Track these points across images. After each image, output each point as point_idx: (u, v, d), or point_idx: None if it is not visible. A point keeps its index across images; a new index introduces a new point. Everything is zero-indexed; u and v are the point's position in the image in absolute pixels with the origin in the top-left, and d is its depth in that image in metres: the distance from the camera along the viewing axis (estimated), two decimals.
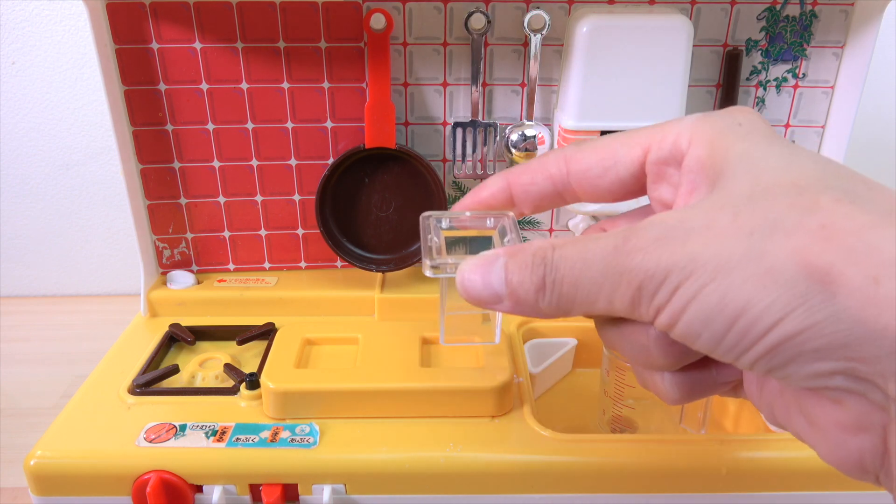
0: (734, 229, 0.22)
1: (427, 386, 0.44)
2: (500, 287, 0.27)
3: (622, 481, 0.42)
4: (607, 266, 0.24)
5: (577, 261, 0.25)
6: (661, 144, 0.28)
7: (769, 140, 0.25)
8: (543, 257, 0.26)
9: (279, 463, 0.42)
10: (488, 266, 0.28)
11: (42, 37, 0.71)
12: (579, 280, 0.25)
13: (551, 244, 0.27)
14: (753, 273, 0.21)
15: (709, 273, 0.22)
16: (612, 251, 0.24)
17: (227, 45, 0.54)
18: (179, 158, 0.57)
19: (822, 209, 0.21)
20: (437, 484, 0.42)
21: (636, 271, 0.23)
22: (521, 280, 0.27)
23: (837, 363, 0.20)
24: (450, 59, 0.56)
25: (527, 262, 0.27)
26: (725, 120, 0.27)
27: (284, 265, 0.63)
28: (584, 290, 0.25)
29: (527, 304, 0.27)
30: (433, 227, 0.40)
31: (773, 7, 0.54)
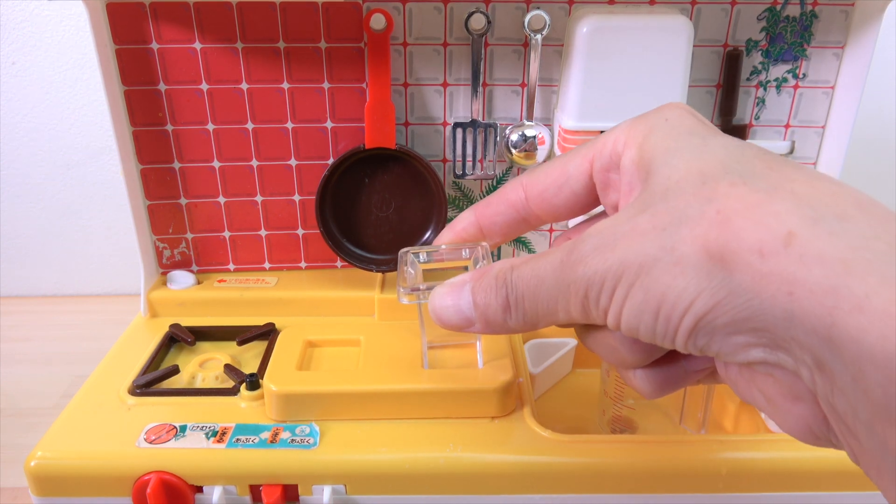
0: (651, 228, 0.24)
1: (430, 388, 0.44)
2: (470, 311, 0.30)
3: (622, 482, 0.42)
4: (557, 280, 0.27)
5: (532, 278, 0.28)
6: (602, 152, 0.30)
7: (690, 131, 0.27)
8: (504, 279, 0.29)
9: (279, 463, 0.42)
10: (457, 293, 0.31)
11: (42, 37, 0.71)
12: (537, 296, 0.28)
13: (511, 265, 0.29)
14: (667, 265, 0.23)
15: (634, 272, 0.24)
16: (559, 266, 0.27)
17: (227, 45, 0.54)
18: (179, 158, 0.57)
19: (719, 196, 0.23)
20: (437, 484, 0.42)
21: (580, 281, 0.25)
22: (488, 302, 0.29)
23: (749, 336, 0.22)
24: (450, 60, 0.56)
25: (490, 284, 0.29)
26: (654, 119, 0.29)
27: (284, 265, 0.63)
28: (543, 305, 0.28)
29: (496, 323, 0.30)
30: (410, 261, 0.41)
31: (774, 7, 0.53)
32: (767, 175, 0.23)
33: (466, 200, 0.61)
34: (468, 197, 0.61)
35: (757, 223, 0.21)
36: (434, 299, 0.32)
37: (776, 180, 0.23)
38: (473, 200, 0.61)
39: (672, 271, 0.23)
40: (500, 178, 0.60)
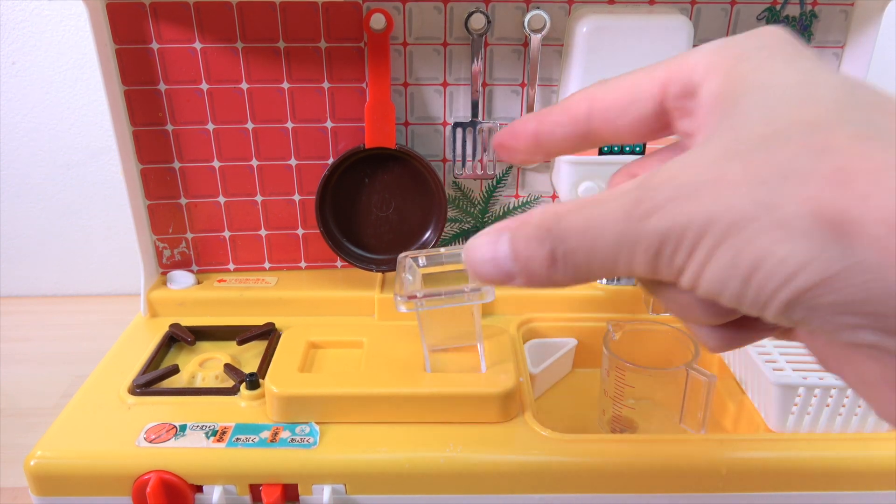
0: (745, 180, 0.20)
1: (432, 392, 0.44)
2: (509, 264, 0.26)
3: (622, 481, 0.42)
4: (620, 234, 0.23)
5: (586, 230, 0.24)
6: (678, 76, 0.26)
7: (790, 62, 0.23)
8: (549, 230, 0.25)
9: (279, 463, 0.42)
10: (493, 244, 0.26)
11: (42, 37, 0.71)
12: (592, 250, 0.24)
13: (555, 212, 0.25)
14: (765, 226, 0.20)
15: (722, 230, 0.21)
16: (624, 217, 0.23)
17: (227, 45, 0.54)
18: (179, 158, 0.57)
19: (836, 149, 0.19)
20: (436, 484, 0.42)
21: (651, 236, 0.22)
22: (530, 255, 0.25)
23: (861, 318, 0.19)
24: (450, 59, 0.56)
25: (532, 234, 0.25)
26: (747, 44, 0.25)
27: (284, 265, 0.63)
28: (599, 260, 0.24)
29: (540, 278, 0.26)
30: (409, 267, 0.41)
31: (773, 7, 0.54)
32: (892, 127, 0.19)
33: (466, 200, 0.61)
34: (468, 197, 0.61)
35: (889, 189, 0.18)
36: (469, 251, 0.28)
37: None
38: (473, 200, 0.61)
39: (772, 234, 0.19)
40: (500, 179, 0.60)
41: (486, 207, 0.61)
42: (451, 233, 0.62)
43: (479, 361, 0.46)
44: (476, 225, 0.62)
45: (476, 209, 0.61)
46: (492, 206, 0.61)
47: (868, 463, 0.42)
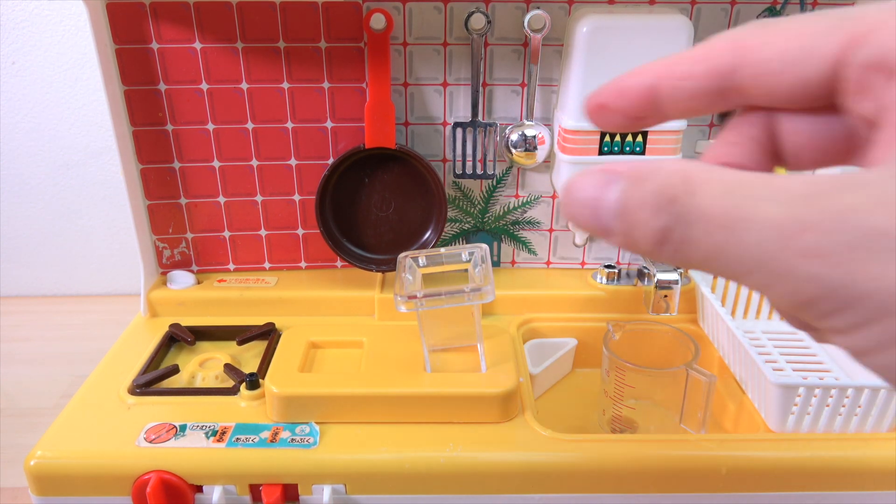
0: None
1: (432, 392, 0.44)
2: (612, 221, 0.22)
3: (622, 481, 0.42)
4: (763, 258, 0.18)
5: (723, 228, 0.19)
6: (866, 39, 0.20)
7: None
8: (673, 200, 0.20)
9: (279, 463, 0.42)
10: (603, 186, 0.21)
11: (42, 37, 0.71)
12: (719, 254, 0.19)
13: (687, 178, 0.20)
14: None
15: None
16: (777, 237, 0.18)
17: (227, 45, 0.54)
18: (179, 158, 0.57)
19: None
20: (436, 484, 0.42)
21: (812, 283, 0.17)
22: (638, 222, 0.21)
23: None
24: (450, 59, 0.56)
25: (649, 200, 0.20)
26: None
27: (284, 265, 0.63)
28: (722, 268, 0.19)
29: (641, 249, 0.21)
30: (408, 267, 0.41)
31: (774, 7, 0.54)
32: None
33: (466, 200, 0.61)
34: (468, 197, 0.61)
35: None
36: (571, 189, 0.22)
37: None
38: (473, 200, 0.61)
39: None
40: (500, 179, 0.60)
41: (486, 207, 0.61)
42: (451, 233, 0.62)
43: (480, 361, 0.46)
44: (476, 225, 0.62)
45: (476, 209, 0.61)
46: (492, 206, 0.61)
47: (868, 463, 0.42)
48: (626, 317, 0.55)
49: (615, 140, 0.53)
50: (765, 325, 0.57)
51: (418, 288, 0.41)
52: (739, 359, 0.50)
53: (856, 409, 0.44)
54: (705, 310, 0.55)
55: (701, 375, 0.46)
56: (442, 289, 0.41)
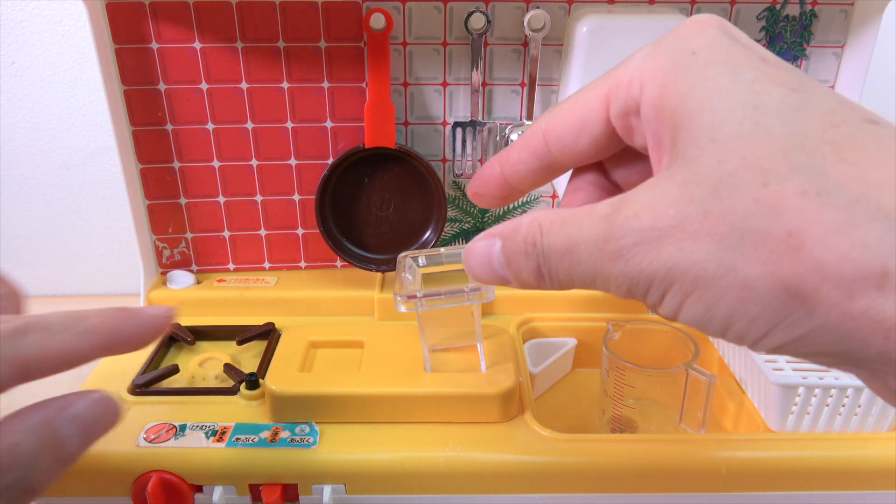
0: (705, 233, 0.21)
1: (432, 392, 0.44)
2: (504, 271, 0.28)
3: (622, 481, 0.42)
4: (594, 265, 0.24)
5: (565, 253, 0.25)
6: (617, 93, 0.26)
7: (729, 73, 0.22)
8: (535, 245, 0.26)
9: (279, 463, 0.42)
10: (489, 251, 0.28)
11: (42, 37, 0.71)
12: (571, 272, 0.25)
13: (539, 226, 0.26)
14: (730, 286, 0.21)
15: (688, 284, 0.21)
16: (596, 251, 0.23)
17: (227, 45, 0.54)
18: (179, 158, 0.57)
19: (787, 208, 0.19)
20: (436, 484, 0.42)
21: (620, 278, 0.23)
22: (519, 268, 0.27)
23: (836, 359, 0.21)
24: (450, 59, 0.56)
25: (520, 249, 0.26)
26: (675, 49, 0.24)
27: (284, 265, 0.63)
28: (579, 282, 0.25)
29: (531, 286, 0.27)
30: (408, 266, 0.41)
31: (773, 7, 0.53)
32: (842, 174, 0.19)
33: (466, 200, 0.61)
34: (468, 197, 0.61)
35: (842, 257, 0.18)
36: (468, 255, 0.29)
37: (854, 186, 0.19)
38: None
39: (738, 294, 0.21)
40: None
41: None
42: (451, 233, 0.62)
43: (479, 361, 0.46)
44: (476, 225, 0.62)
45: (476, 209, 0.61)
46: None
47: (868, 463, 0.42)
48: (626, 316, 0.55)
49: None
50: None
51: (418, 288, 0.41)
52: (739, 358, 0.50)
53: (856, 409, 0.44)
54: None
55: (701, 375, 0.46)
56: (442, 289, 0.41)
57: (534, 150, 0.29)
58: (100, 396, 0.33)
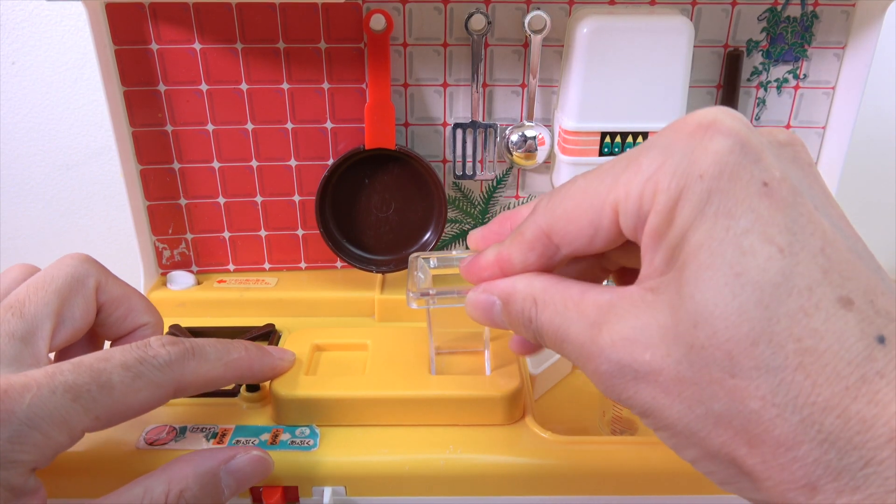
0: (676, 394, 0.23)
1: (436, 394, 0.44)
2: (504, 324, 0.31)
3: (621, 483, 0.42)
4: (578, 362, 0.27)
5: (558, 343, 0.27)
6: (626, 206, 0.25)
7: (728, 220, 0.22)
8: (530, 320, 0.28)
9: (279, 465, 0.42)
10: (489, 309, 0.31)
11: (42, 37, 0.71)
12: (562, 351, 0.28)
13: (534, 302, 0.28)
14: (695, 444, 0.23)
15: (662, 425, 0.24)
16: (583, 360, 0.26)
17: (227, 45, 0.54)
18: (179, 159, 0.57)
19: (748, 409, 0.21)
20: (437, 486, 0.42)
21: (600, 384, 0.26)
22: (518, 330, 0.30)
23: None
24: (450, 60, 0.56)
25: (518, 317, 0.29)
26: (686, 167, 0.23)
27: (284, 266, 0.63)
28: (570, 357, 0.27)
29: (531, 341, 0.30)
30: (420, 266, 0.41)
31: (774, 8, 0.53)
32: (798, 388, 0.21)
33: (466, 201, 0.61)
34: (468, 198, 0.61)
35: (782, 468, 0.21)
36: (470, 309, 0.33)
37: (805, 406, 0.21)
38: (473, 201, 0.61)
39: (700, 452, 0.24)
40: (501, 179, 0.60)
41: (486, 208, 0.61)
42: (451, 233, 0.62)
43: (484, 365, 0.46)
44: (476, 225, 0.62)
45: (476, 210, 0.61)
46: (492, 206, 0.61)
47: None
48: None
49: (615, 141, 0.53)
50: None
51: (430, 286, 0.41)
52: None
53: None
54: None
55: None
56: (454, 287, 0.41)
57: (542, 251, 0.29)
58: (259, 455, 0.37)
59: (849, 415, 0.20)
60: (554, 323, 0.27)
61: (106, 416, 0.31)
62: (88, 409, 0.30)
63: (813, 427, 0.20)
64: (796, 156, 0.25)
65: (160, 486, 0.32)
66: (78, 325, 0.37)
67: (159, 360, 0.33)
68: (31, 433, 0.28)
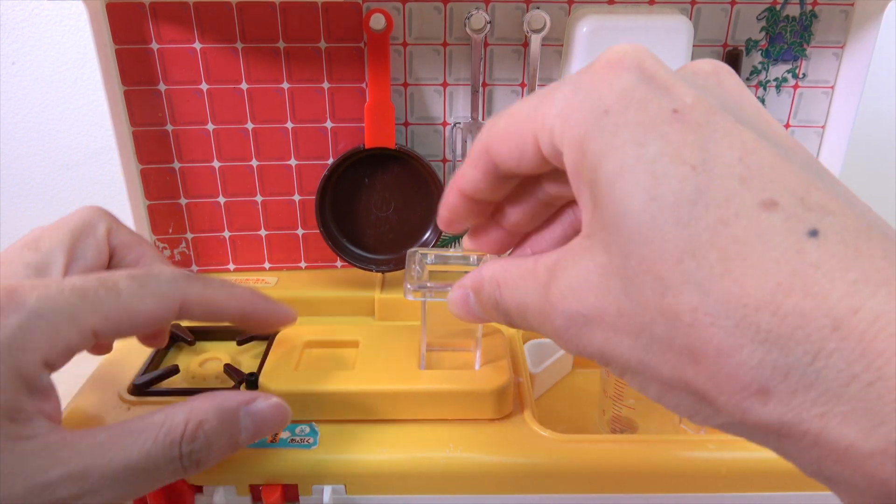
0: (622, 328, 0.23)
1: (425, 388, 0.44)
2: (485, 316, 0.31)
3: (622, 482, 0.42)
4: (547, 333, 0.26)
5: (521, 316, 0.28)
6: (543, 137, 0.26)
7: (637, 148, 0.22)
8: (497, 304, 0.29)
9: (279, 463, 0.42)
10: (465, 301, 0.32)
11: (42, 37, 0.71)
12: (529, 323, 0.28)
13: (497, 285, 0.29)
14: (651, 379, 0.23)
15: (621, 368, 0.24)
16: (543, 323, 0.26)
17: (227, 45, 0.54)
18: (179, 159, 0.57)
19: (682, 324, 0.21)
20: (436, 484, 0.42)
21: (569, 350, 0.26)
22: (492, 316, 0.30)
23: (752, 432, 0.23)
24: (450, 60, 0.56)
25: (487, 302, 0.30)
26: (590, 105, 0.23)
27: (284, 265, 0.63)
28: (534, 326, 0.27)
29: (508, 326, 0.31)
30: (418, 261, 0.41)
31: (773, 7, 0.53)
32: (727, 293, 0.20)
33: None
34: None
35: (729, 377, 0.20)
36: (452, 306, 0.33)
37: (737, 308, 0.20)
38: None
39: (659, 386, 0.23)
40: None
41: None
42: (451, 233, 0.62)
43: (474, 363, 0.46)
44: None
45: None
46: None
47: None
48: None
49: None
50: None
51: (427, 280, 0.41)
52: None
53: None
54: None
55: None
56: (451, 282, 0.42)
57: (484, 167, 0.30)
58: (278, 402, 0.37)
59: (784, 311, 0.19)
60: (515, 298, 0.28)
61: (114, 317, 0.32)
62: (96, 309, 0.31)
63: (749, 329, 0.20)
64: (721, 82, 0.25)
65: (180, 415, 0.33)
66: (90, 263, 0.40)
67: (165, 275, 0.34)
68: (39, 322, 0.30)
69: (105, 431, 0.32)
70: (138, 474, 0.31)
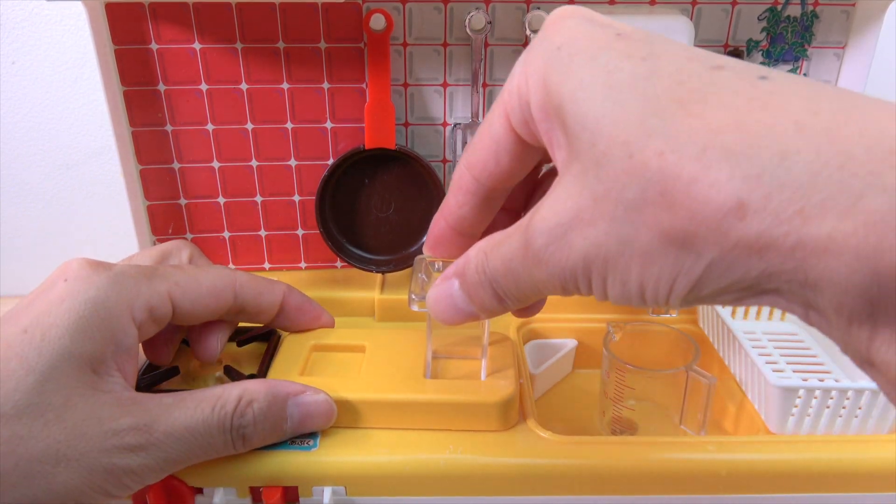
0: (599, 216, 0.23)
1: (430, 398, 0.43)
2: (469, 307, 0.30)
3: (621, 483, 0.42)
4: (529, 274, 0.26)
5: (506, 272, 0.27)
6: (512, 105, 0.28)
7: (591, 62, 0.24)
8: (485, 272, 0.28)
9: (279, 465, 0.42)
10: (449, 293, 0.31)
11: (42, 37, 0.71)
12: (519, 288, 0.27)
13: (485, 253, 0.29)
14: (633, 257, 0.23)
15: (601, 266, 0.24)
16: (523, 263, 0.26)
17: (227, 45, 0.54)
18: (179, 159, 0.57)
19: (652, 171, 0.21)
20: (437, 486, 0.42)
21: (550, 279, 0.25)
22: (480, 298, 0.29)
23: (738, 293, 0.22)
24: (450, 60, 0.56)
25: (475, 280, 0.29)
26: (545, 48, 0.26)
27: (284, 266, 0.63)
28: (528, 291, 0.27)
29: (497, 312, 0.30)
30: (425, 268, 0.40)
31: (774, 7, 0.53)
32: (690, 129, 0.21)
33: None
34: None
35: (704, 201, 0.21)
36: (431, 304, 0.32)
37: (701, 136, 0.21)
38: None
39: (640, 261, 0.23)
40: None
41: None
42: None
43: (480, 371, 0.45)
44: None
45: None
46: None
47: (868, 465, 0.42)
48: (627, 317, 0.55)
49: None
50: (765, 326, 0.57)
51: None
52: (740, 360, 0.50)
53: (856, 411, 0.44)
54: (705, 311, 0.55)
55: (701, 377, 0.46)
56: None
57: (466, 189, 0.31)
58: (325, 398, 0.41)
59: (747, 126, 0.20)
60: (500, 255, 0.28)
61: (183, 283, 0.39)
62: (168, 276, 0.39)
63: (716, 150, 0.20)
64: None
65: (235, 392, 0.37)
66: None
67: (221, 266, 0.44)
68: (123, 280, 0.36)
69: (171, 397, 0.36)
70: (196, 437, 0.35)
